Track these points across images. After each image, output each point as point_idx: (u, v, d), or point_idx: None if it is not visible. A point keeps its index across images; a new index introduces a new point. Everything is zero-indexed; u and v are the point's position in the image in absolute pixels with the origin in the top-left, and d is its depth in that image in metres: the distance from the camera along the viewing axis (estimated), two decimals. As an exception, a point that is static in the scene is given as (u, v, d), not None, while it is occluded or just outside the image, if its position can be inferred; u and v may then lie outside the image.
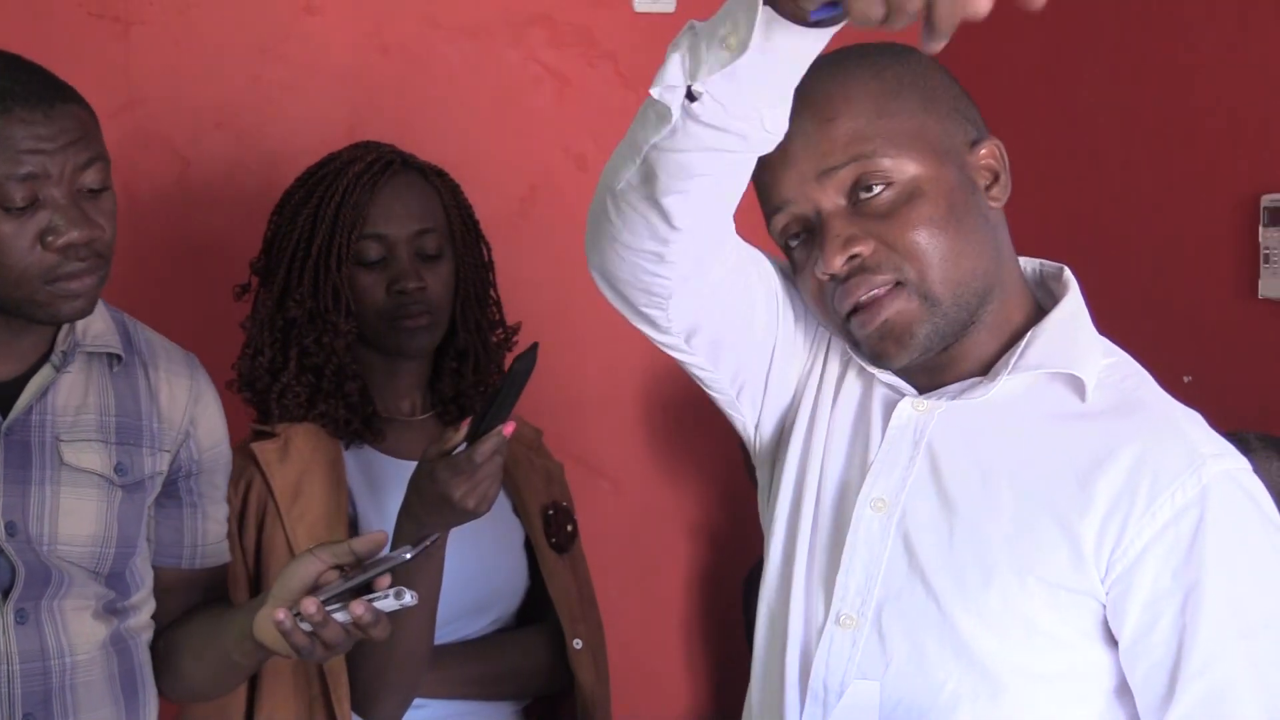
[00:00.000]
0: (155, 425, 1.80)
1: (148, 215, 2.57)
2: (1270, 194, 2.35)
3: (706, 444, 2.89)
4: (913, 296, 1.40)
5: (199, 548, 1.88)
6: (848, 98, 1.40)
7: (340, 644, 1.65)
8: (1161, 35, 2.57)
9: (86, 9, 2.53)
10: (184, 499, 1.85)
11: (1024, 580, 1.39)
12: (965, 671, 1.41)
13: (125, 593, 1.77)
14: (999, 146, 1.46)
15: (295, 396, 2.07)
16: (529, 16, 2.78)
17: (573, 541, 2.18)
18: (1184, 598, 1.35)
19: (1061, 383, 1.44)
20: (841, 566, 1.47)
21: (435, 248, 2.09)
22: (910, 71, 1.43)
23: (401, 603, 1.62)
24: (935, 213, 1.40)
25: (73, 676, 1.70)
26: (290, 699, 1.97)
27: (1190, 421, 1.44)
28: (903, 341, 1.42)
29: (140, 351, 1.82)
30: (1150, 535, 1.36)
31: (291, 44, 2.64)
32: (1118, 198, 2.66)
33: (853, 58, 1.43)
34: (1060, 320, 1.46)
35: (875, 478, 1.47)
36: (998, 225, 1.47)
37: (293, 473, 2.02)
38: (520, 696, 2.14)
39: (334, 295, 2.06)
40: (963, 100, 1.46)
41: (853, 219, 1.40)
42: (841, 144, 1.39)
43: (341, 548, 1.67)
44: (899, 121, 1.40)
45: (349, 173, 2.08)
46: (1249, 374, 2.43)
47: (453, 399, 2.17)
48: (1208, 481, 1.36)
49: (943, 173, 1.41)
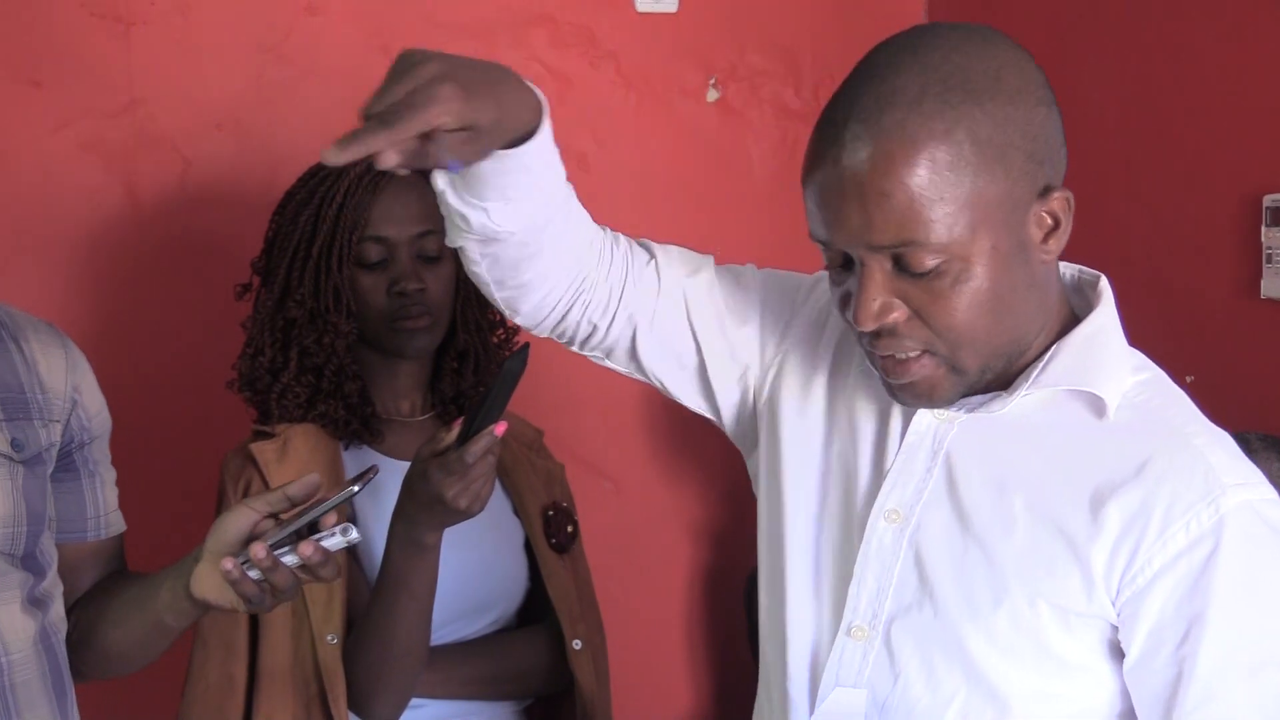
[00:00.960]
0: (40, 396, 1.75)
1: (149, 215, 2.57)
2: (1273, 194, 2.34)
3: (708, 444, 2.89)
4: (940, 365, 1.38)
5: (102, 517, 1.84)
6: (911, 167, 1.30)
7: (289, 590, 1.61)
8: (1163, 34, 2.56)
9: (88, 9, 2.53)
10: (81, 469, 1.81)
11: (1034, 603, 1.37)
12: (973, 689, 1.40)
13: (40, 573, 1.73)
14: (1068, 198, 1.37)
15: (295, 397, 2.07)
16: (531, 17, 2.78)
17: (573, 542, 2.18)
18: (1186, 629, 1.32)
19: (1083, 399, 1.40)
20: (854, 577, 1.45)
21: (436, 249, 2.09)
22: (989, 120, 1.31)
23: (348, 539, 1.58)
24: (979, 296, 1.34)
25: (10, 676, 1.68)
26: (288, 699, 1.97)
27: (1216, 446, 1.38)
28: (927, 399, 1.40)
29: (5, 325, 1.77)
30: (1161, 564, 1.33)
31: (293, 44, 2.64)
32: (1119, 197, 2.66)
33: (930, 100, 1.30)
34: (1087, 335, 1.42)
35: (891, 488, 1.45)
36: (1047, 275, 1.40)
37: (291, 473, 2.02)
38: (520, 697, 2.14)
39: (335, 296, 2.06)
40: (1043, 137, 1.35)
41: (893, 281, 1.35)
42: (894, 226, 1.31)
43: (275, 495, 1.64)
44: (962, 191, 1.31)
45: (350, 174, 2.08)
46: (1251, 374, 2.42)
47: (453, 399, 2.17)
48: (1225, 512, 1.32)
49: (998, 241, 1.33)
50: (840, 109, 1.34)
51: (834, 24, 2.97)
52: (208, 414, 2.37)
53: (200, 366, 2.37)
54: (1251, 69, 2.41)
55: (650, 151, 2.88)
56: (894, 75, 1.32)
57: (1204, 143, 2.49)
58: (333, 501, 1.60)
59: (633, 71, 2.85)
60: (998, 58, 1.33)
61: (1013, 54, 1.35)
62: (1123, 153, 2.65)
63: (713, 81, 2.91)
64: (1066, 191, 1.37)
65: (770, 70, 2.93)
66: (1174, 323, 2.51)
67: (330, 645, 1.96)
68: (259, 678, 1.99)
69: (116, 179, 2.56)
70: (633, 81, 2.85)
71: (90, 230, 2.54)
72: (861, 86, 1.33)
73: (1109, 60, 2.65)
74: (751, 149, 2.93)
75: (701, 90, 2.91)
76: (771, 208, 2.92)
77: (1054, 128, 1.36)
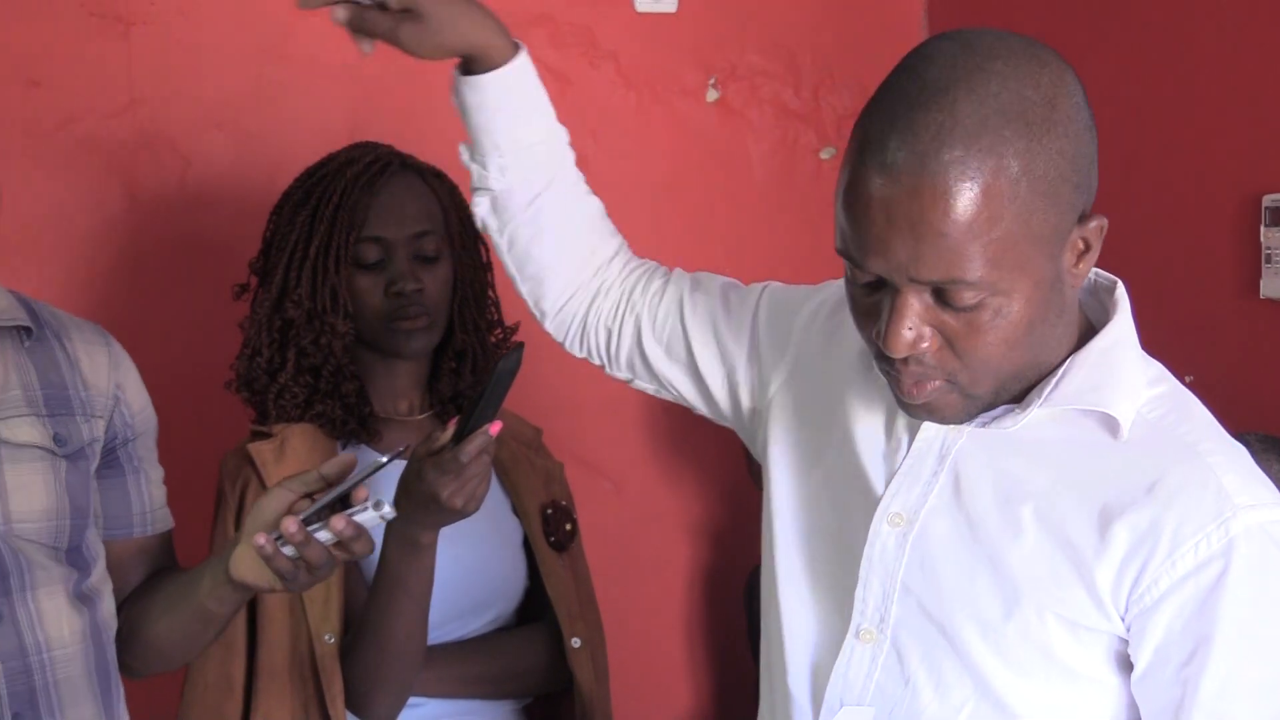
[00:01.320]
0: (83, 393, 1.79)
1: (149, 215, 2.57)
2: (1272, 194, 2.35)
3: (707, 444, 2.89)
4: (955, 391, 1.36)
5: (148, 513, 1.87)
6: (966, 206, 1.25)
7: (324, 565, 1.62)
8: (1163, 35, 2.57)
9: (88, 9, 2.53)
10: (126, 466, 1.84)
11: (1043, 615, 1.36)
12: (981, 699, 1.39)
13: (85, 569, 1.76)
14: (1103, 225, 1.35)
15: (293, 397, 2.07)
16: (530, 16, 2.78)
17: (572, 540, 2.18)
18: (1193, 650, 1.31)
19: (1096, 415, 1.38)
20: (859, 580, 1.44)
21: (433, 249, 2.09)
22: (1045, 156, 1.27)
23: (381, 514, 1.58)
24: (1016, 329, 1.32)
25: (54, 673, 1.69)
26: (286, 698, 1.97)
27: (1230, 465, 1.35)
28: (939, 417, 1.39)
29: (49, 324, 1.81)
30: (1169, 584, 1.32)
31: (292, 43, 2.64)
32: (1119, 197, 2.66)
33: (989, 135, 1.26)
34: (1103, 349, 1.39)
35: (896, 492, 1.44)
36: (1072, 300, 1.38)
37: (289, 473, 2.02)
38: (519, 695, 2.14)
39: (332, 296, 2.06)
40: (1085, 162, 1.32)
41: (930, 310, 1.32)
42: (945, 264, 1.27)
43: (310, 475, 1.65)
44: (1015, 229, 1.27)
45: (347, 174, 2.08)
46: (1251, 374, 2.42)
47: (451, 399, 2.17)
48: (1235, 534, 1.30)
49: (1041, 274, 1.31)
50: (891, 131, 1.27)
51: (834, 24, 2.97)
52: (205, 414, 2.37)
53: (198, 367, 2.37)
54: (1251, 69, 2.41)
55: (650, 151, 2.88)
56: (951, 103, 1.26)
57: (1204, 143, 2.50)
58: (361, 474, 1.60)
59: (632, 71, 2.85)
60: (1052, 83, 1.29)
61: (1064, 76, 1.31)
62: (1122, 153, 2.65)
63: (712, 81, 2.91)
64: (1102, 219, 1.34)
65: (770, 70, 2.93)
66: (1174, 323, 2.51)
67: (328, 644, 1.96)
68: (257, 677, 1.99)
69: (116, 179, 2.56)
70: (632, 81, 2.85)
71: (90, 230, 2.54)
72: (915, 111, 1.27)
73: (1108, 61, 2.65)
74: (751, 149, 2.93)
75: (701, 90, 2.91)
76: (771, 207, 2.93)
77: (1094, 151, 1.34)
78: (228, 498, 2.06)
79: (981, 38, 1.31)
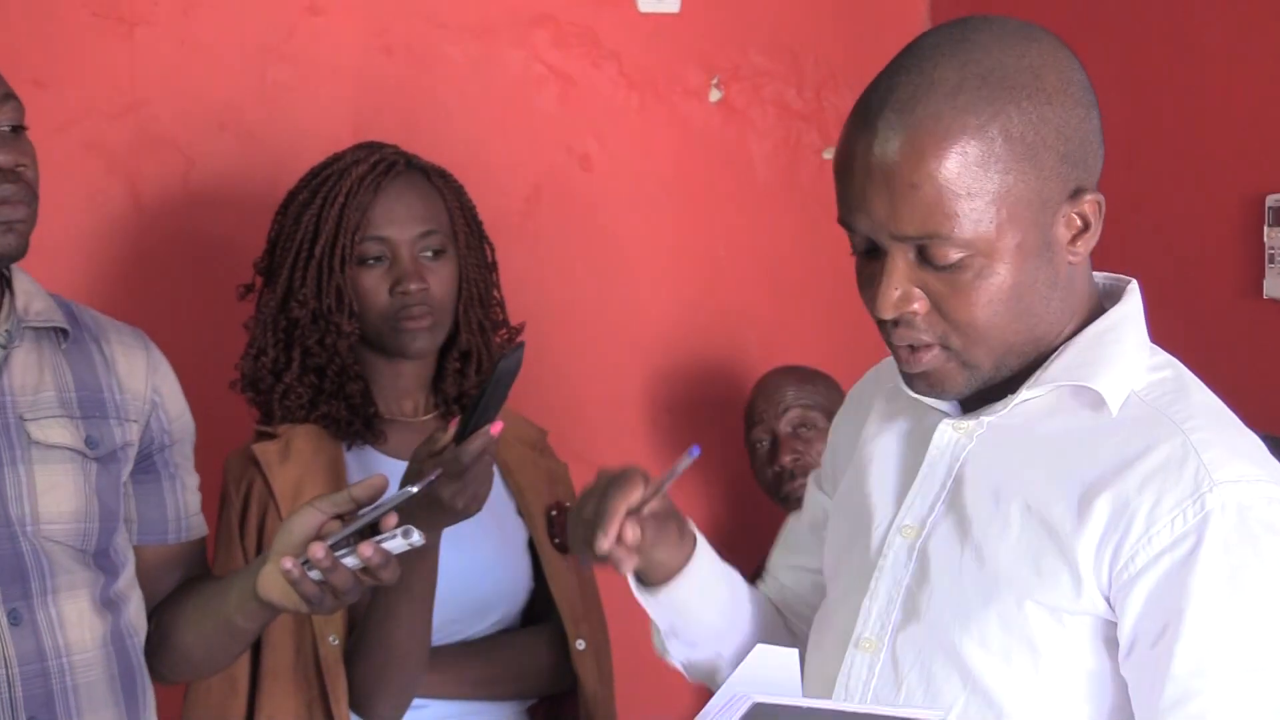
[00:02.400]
0: (118, 396, 1.80)
1: (152, 216, 2.57)
2: (1275, 194, 2.34)
3: (712, 446, 2.89)
4: (952, 359, 1.38)
5: (183, 520, 1.88)
6: (940, 160, 1.30)
7: (350, 591, 1.61)
8: (1166, 34, 2.56)
9: (90, 10, 2.53)
10: (162, 472, 1.85)
11: (1022, 604, 1.36)
12: (971, 695, 1.39)
13: (113, 573, 1.76)
14: (1100, 201, 1.37)
15: (298, 397, 2.07)
16: (533, 17, 2.78)
17: (576, 542, 2.18)
18: (1165, 626, 1.31)
19: (1088, 398, 1.39)
20: (868, 591, 1.46)
21: (438, 249, 2.09)
22: (1024, 118, 1.31)
23: (410, 542, 1.57)
24: (1000, 292, 1.34)
25: (73, 677, 1.70)
26: (290, 699, 1.98)
27: (1216, 441, 1.34)
28: (939, 389, 1.41)
29: (88, 327, 1.83)
30: (1145, 560, 1.31)
31: (296, 44, 2.65)
32: (1122, 197, 2.65)
33: (966, 94, 1.31)
34: (1097, 332, 1.40)
35: (910, 504, 1.46)
36: (1072, 277, 1.40)
37: (293, 474, 2.02)
38: (523, 697, 2.14)
39: (337, 296, 2.07)
40: (1079, 139, 1.35)
41: (916, 271, 1.35)
42: (920, 218, 1.31)
43: (341, 496, 1.64)
44: (990, 187, 1.31)
45: (352, 174, 2.08)
46: (1254, 374, 2.42)
47: (456, 399, 2.17)
48: (1211, 509, 1.30)
49: (1025, 240, 1.33)
50: (877, 96, 1.34)
51: (837, 24, 2.97)
52: (210, 415, 2.37)
53: (203, 367, 2.36)
54: (1254, 69, 2.41)
55: (653, 151, 2.88)
56: (933, 67, 1.32)
57: (1207, 143, 2.49)
58: (390, 502, 1.59)
59: (635, 71, 2.85)
60: (1041, 56, 1.34)
61: (1057, 53, 1.35)
62: (1125, 153, 2.65)
63: (715, 81, 2.91)
64: (1099, 195, 1.37)
65: (773, 70, 2.93)
66: (1177, 323, 2.50)
67: (332, 646, 1.96)
68: (261, 678, 1.99)
69: (119, 179, 2.57)
70: (635, 81, 2.85)
71: (93, 230, 2.54)
72: (900, 76, 1.33)
73: (1111, 60, 2.65)
74: (754, 149, 2.93)
75: (704, 90, 2.91)
76: (774, 208, 2.92)
77: (1092, 130, 1.36)
78: (232, 498, 2.06)
79: (976, 18, 1.37)
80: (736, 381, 2.88)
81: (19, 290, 1.79)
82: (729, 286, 2.93)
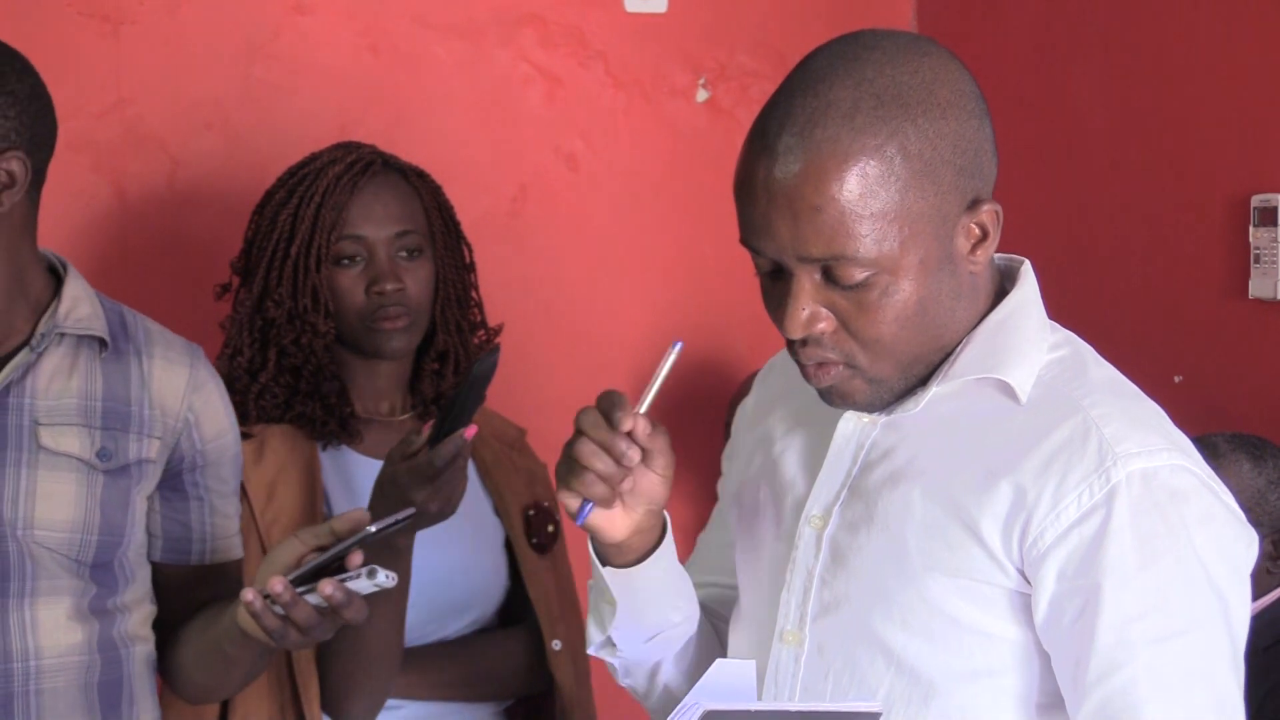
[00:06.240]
0: (146, 411, 1.79)
1: (137, 215, 2.57)
2: (1260, 194, 2.35)
3: (695, 445, 2.89)
4: (857, 376, 1.40)
5: (207, 542, 1.86)
6: (841, 182, 1.32)
7: (314, 626, 1.58)
8: (1153, 34, 2.57)
9: (76, 8, 2.53)
10: (190, 492, 1.84)
11: (938, 579, 1.38)
12: (897, 677, 1.40)
13: (113, 587, 1.75)
14: (997, 210, 1.39)
15: (273, 397, 2.06)
16: (520, 16, 2.78)
17: (554, 542, 2.18)
18: (1084, 602, 1.33)
19: (996, 384, 1.41)
20: (784, 584, 1.47)
21: (415, 249, 2.09)
22: (920, 136, 1.33)
23: (375, 583, 1.53)
24: (905, 309, 1.36)
25: (37, 681, 1.68)
26: (263, 701, 1.96)
27: (1115, 415, 1.37)
28: (849, 402, 1.43)
29: (135, 339, 1.82)
30: (1054, 536, 1.34)
31: (282, 43, 2.64)
32: (1108, 197, 2.66)
33: (863, 115, 1.33)
34: (998, 322, 1.42)
35: (816, 495, 1.47)
36: (973, 286, 1.42)
37: (267, 474, 2.02)
38: (499, 698, 2.14)
39: (313, 296, 2.06)
40: (973, 151, 1.37)
41: (822, 290, 1.37)
42: (825, 240, 1.33)
43: (323, 529, 1.62)
44: (891, 206, 1.33)
45: (329, 173, 2.08)
46: (1239, 373, 2.43)
47: (433, 400, 2.16)
48: (1116, 482, 1.33)
49: (927, 254, 1.36)
50: (774, 119, 1.35)
51: (823, 25, 2.96)
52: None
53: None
54: (1239, 70, 2.41)
55: (639, 152, 2.88)
56: (828, 89, 1.33)
57: (1192, 143, 2.50)
58: (348, 542, 1.57)
59: (622, 71, 2.85)
60: (932, 70, 1.35)
61: (947, 66, 1.37)
62: (1111, 154, 2.66)
63: (702, 82, 2.91)
64: (995, 204, 1.39)
65: (760, 71, 2.93)
66: (1163, 322, 2.52)
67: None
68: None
69: (105, 178, 2.56)
70: (622, 81, 2.85)
71: (78, 230, 2.54)
72: (796, 98, 1.34)
73: (1097, 61, 2.65)
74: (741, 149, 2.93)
75: (691, 90, 2.91)
76: (761, 208, 2.92)
77: (985, 140, 1.38)
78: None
79: (866, 33, 1.39)
80: (721, 381, 2.88)
81: (66, 295, 1.78)
82: (715, 286, 2.93)
